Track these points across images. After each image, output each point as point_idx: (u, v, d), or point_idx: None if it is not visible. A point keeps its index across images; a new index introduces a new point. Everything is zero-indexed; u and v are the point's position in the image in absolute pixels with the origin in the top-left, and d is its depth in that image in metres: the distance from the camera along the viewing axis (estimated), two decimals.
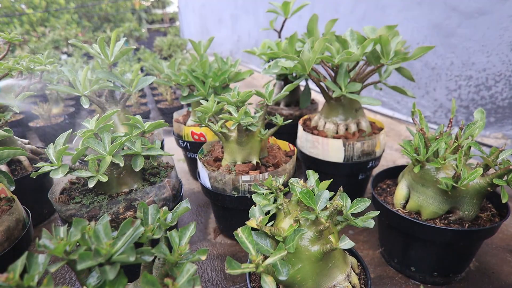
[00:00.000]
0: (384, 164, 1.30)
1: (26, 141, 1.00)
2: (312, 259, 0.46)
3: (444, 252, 0.66)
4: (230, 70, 1.00)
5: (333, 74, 0.89)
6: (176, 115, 1.25)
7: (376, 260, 0.81)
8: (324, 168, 0.94)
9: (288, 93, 0.76)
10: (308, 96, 1.24)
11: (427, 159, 0.64)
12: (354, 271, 0.53)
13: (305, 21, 1.05)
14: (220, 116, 0.72)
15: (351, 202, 0.51)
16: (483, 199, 0.64)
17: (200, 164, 0.81)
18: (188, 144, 1.11)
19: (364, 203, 0.50)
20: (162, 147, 1.12)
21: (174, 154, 0.79)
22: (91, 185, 0.59)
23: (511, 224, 0.92)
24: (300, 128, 1.00)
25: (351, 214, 0.50)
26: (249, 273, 0.54)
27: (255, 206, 0.53)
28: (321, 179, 0.56)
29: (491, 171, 0.61)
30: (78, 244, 0.36)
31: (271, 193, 0.56)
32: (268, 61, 1.19)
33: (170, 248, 0.41)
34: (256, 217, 0.49)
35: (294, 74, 1.25)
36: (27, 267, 0.33)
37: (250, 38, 3.49)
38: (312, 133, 0.95)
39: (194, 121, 0.79)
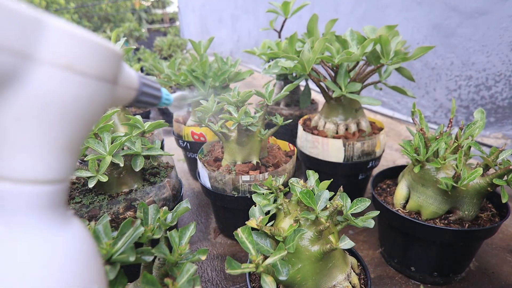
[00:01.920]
0: (384, 164, 1.30)
1: None
2: (312, 259, 0.46)
3: (444, 252, 0.66)
4: (230, 70, 1.00)
5: (333, 74, 0.89)
6: (176, 115, 1.25)
7: (376, 260, 0.81)
8: (324, 168, 0.94)
9: (288, 93, 0.76)
10: (308, 96, 1.24)
11: (427, 159, 0.64)
12: (354, 271, 0.53)
13: (305, 21, 1.05)
14: (220, 116, 0.72)
15: (351, 202, 0.51)
16: (483, 199, 0.64)
17: (200, 164, 0.81)
18: (188, 144, 1.11)
19: (364, 203, 0.50)
20: (162, 147, 1.12)
21: (174, 154, 0.79)
22: (91, 185, 0.59)
23: (511, 224, 0.92)
24: (300, 128, 1.00)
25: (351, 214, 0.50)
26: (249, 273, 0.54)
27: (255, 206, 0.53)
28: (321, 179, 0.56)
29: (491, 171, 0.61)
30: None
31: (271, 193, 0.56)
32: (268, 61, 1.19)
33: (170, 248, 0.41)
34: (256, 217, 0.49)
35: (294, 74, 1.25)
36: None
37: (250, 38, 3.49)
38: (312, 133, 0.95)
39: (194, 121, 0.79)
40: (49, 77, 0.21)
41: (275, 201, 0.55)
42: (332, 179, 0.58)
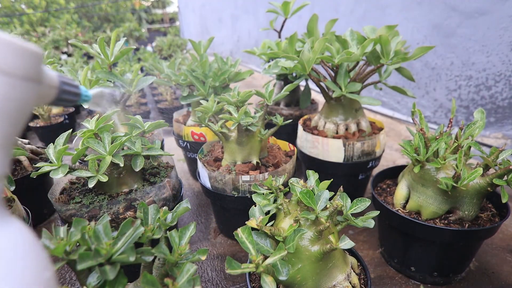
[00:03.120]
0: (384, 164, 1.30)
1: (26, 141, 1.00)
2: (312, 259, 0.46)
3: (444, 252, 0.66)
4: (230, 70, 1.00)
5: (333, 74, 0.89)
6: (176, 115, 1.25)
7: (376, 260, 0.81)
8: (324, 168, 0.94)
9: (288, 93, 0.76)
10: (308, 96, 1.24)
11: (427, 159, 0.64)
12: (354, 271, 0.53)
13: (305, 21, 1.05)
14: (220, 116, 0.72)
15: (351, 202, 0.51)
16: (483, 199, 0.64)
17: (200, 164, 0.81)
18: (188, 144, 1.11)
19: (364, 203, 0.50)
20: (162, 147, 1.12)
21: (174, 154, 0.79)
22: (91, 185, 0.59)
23: (511, 224, 0.92)
24: (300, 128, 1.00)
25: (351, 214, 0.50)
26: (249, 273, 0.54)
27: (255, 206, 0.53)
28: (321, 179, 0.56)
29: (491, 171, 0.61)
30: (78, 244, 0.36)
31: (271, 193, 0.56)
32: (268, 61, 1.19)
33: (170, 248, 0.41)
34: (256, 217, 0.49)
35: (294, 74, 1.25)
36: None
37: (250, 38, 3.49)
38: (312, 133, 0.95)
39: (194, 121, 0.79)
40: None
41: (275, 201, 0.55)
42: (332, 179, 0.58)
